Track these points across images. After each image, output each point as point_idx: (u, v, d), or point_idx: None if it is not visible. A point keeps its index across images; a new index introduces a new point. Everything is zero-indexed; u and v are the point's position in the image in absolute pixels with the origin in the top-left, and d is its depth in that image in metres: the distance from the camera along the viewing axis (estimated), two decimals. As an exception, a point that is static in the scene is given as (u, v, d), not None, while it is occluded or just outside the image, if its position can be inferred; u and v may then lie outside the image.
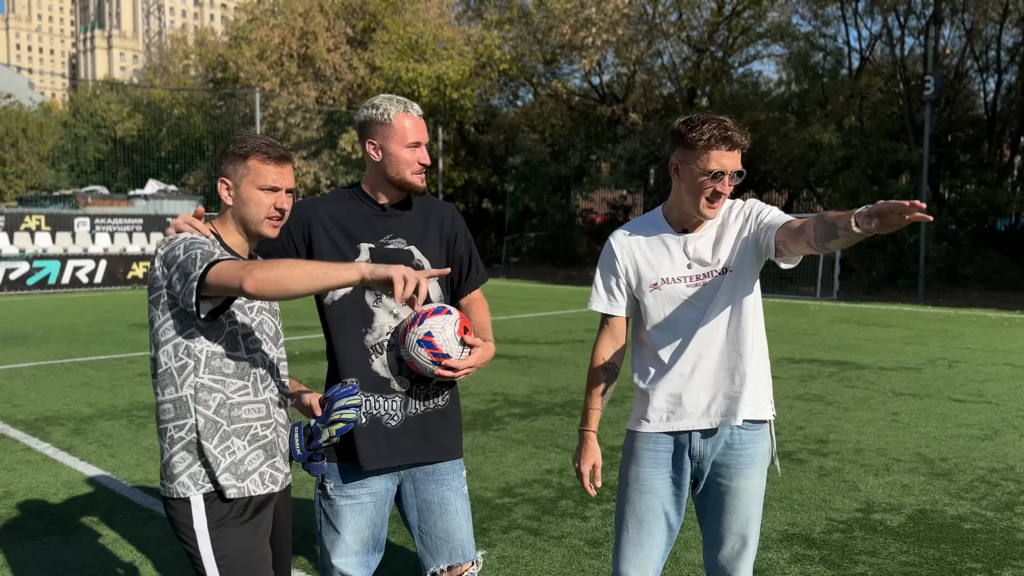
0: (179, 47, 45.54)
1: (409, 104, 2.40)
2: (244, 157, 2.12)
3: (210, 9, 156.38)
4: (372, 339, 2.38)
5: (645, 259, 2.41)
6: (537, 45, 29.71)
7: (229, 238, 2.17)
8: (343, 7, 31.30)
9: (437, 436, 2.43)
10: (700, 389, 2.37)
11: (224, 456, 2.06)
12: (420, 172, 2.40)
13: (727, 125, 2.23)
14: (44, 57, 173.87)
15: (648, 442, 2.42)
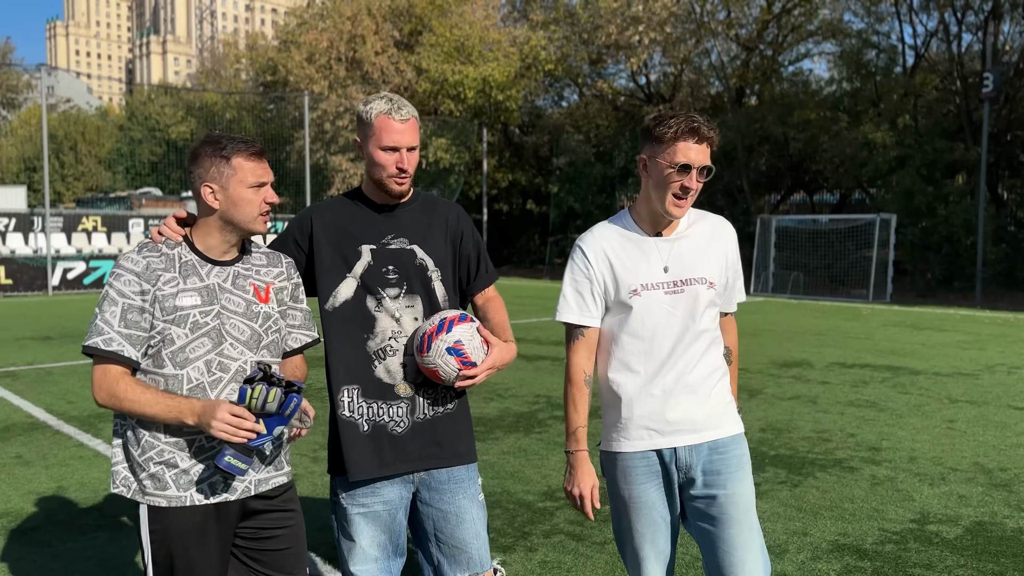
0: (230, 51, 46.41)
1: (398, 106, 2.30)
2: (227, 158, 2.09)
3: (261, 14, 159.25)
4: (374, 344, 2.34)
5: (622, 264, 2.29)
6: (583, 45, 29.60)
7: (205, 241, 2.15)
8: (391, 10, 31.56)
9: (448, 441, 2.37)
10: (682, 404, 2.28)
11: (150, 466, 2.09)
12: (397, 176, 2.32)
13: (695, 118, 2.20)
14: (102, 62, 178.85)
15: (633, 459, 2.31)
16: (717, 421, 2.31)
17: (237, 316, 2.14)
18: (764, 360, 9.86)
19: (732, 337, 2.47)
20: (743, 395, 7.70)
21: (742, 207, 27.33)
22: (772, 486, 4.95)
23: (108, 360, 2.05)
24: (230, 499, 2.13)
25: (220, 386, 2.11)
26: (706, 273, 2.31)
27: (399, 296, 2.34)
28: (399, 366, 2.33)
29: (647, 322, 2.27)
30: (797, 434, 6.24)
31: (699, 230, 2.37)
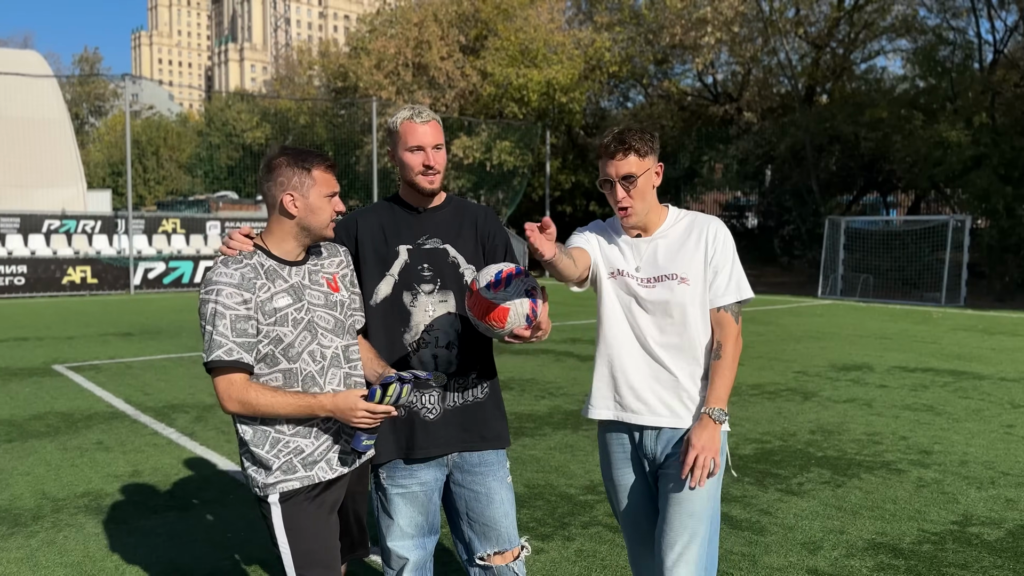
0: (303, 59, 47.67)
1: (418, 111, 2.52)
2: (308, 170, 2.28)
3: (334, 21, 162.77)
4: (410, 337, 2.53)
5: (608, 248, 2.51)
6: (648, 46, 29.48)
7: (281, 247, 2.34)
8: (457, 16, 32.01)
9: (476, 427, 2.56)
10: (647, 389, 2.44)
11: (279, 458, 2.28)
12: (425, 173, 2.52)
13: (614, 132, 2.39)
14: (183, 70, 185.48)
15: (611, 439, 2.54)
16: (683, 413, 2.43)
17: (321, 308, 2.35)
18: (823, 363, 9.76)
19: (724, 334, 2.45)
20: (796, 397, 7.68)
21: (811, 208, 26.80)
22: (815, 486, 4.99)
23: (231, 370, 2.21)
24: (344, 472, 2.39)
25: (326, 373, 2.34)
26: (677, 269, 2.43)
27: (433, 291, 2.54)
28: (431, 357, 2.52)
29: (622, 305, 2.47)
30: (847, 436, 6.23)
31: (680, 230, 2.49)
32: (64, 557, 3.90)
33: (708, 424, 2.36)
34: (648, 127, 2.45)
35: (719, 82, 31.51)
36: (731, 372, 2.42)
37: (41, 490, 4.91)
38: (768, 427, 6.50)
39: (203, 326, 2.24)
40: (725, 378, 2.40)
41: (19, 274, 20.42)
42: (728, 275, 2.45)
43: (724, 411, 2.39)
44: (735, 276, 2.46)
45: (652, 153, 2.41)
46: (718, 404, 2.38)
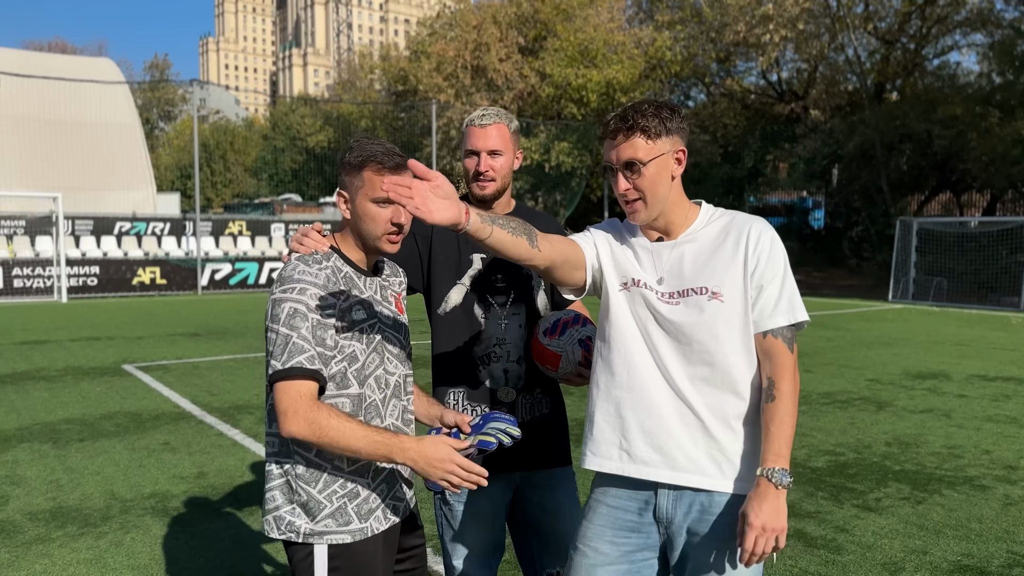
0: (365, 63, 48.32)
1: (483, 114, 2.39)
2: (359, 167, 1.94)
3: (394, 25, 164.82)
4: (480, 350, 2.43)
5: (621, 254, 2.02)
6: (710, 44, 29.01)
7: (352, 253, 2.04)
8: (516, 17, 32.01)
9: (544, 443, 2.47)
10: (665, 432, 1.91)
11: (332, 501, 1.93)
12: (477, 181, 2.38)
13: (618, 112, 1.92)
14: (248, 75, 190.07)
15: (606, 495, 1.99)
16: (712, 469, 1.89)
17: (390, 329, 2.05)
18: (897, 371, 9.40)
19: (776, 367, 1.88)
20: (870, 407, 7.39)
21: (881, 208, 26.02)
22: (893, 502, 4.76)
23: (304, 381, 1.83)
24: (396, 521, 2.06)
25: (387, 404, 2.02)
26: (708, 281, 1.91)
27: (506, 304, 2.44)
28: (501, 372, 2.43)
29: (637, 322, 1.96)
30: (926, 449, 5.94)
31: (712, 232, 1.97)
32: (131, 560, 3.94)
33: (768, 492, 1.79)
34: (669, 102, 1.95)
35: (784, 80, 30.81)
36: (792, 418, 1.84)
37: (110, 490, 4.99)
38: (841, 438, 6.25)
39: (275, 328, 1.86)
40: (785, 426, 1.83)
41: (92, 275, 21.10)
42: (778, 291, 1.91)
43: (787, 471, 1.81)
44: (787, 293, 1.92)
45: (668, 134, 1.89)
46: (778, 462, 1.81)
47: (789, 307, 1.92)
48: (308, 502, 1.92)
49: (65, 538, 4.20)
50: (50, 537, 4.22)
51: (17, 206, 22.82)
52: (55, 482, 5.15)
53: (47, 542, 4.15)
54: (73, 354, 10.61)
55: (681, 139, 1.94)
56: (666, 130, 1.89)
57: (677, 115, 1.93)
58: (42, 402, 7.56)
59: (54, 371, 9.26)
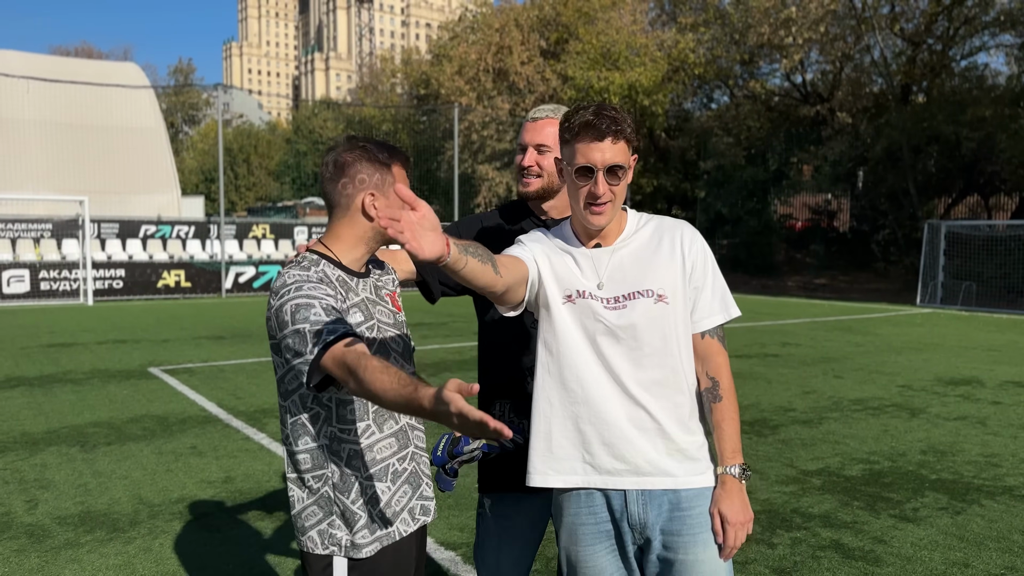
0: (387, 66, 48.51)
1: (540, 109, 2.33)
2: (388, 165, 1.95)
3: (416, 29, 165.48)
4: (528, 361, 2.31)
5: (559, 264, 1.99)
6: (734, 46, 28.83)
7: (350, 255, 1.97)
8: (538, 20, 32.00)
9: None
10: (626, 441, 1.92)
11: (363, 511, 1.90)
12: (524, 176, 2.32)
13: (597, 109, 1.90)
14: (271, 79, 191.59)
15: (579, 514, 1.98)
16: (676, 468, 1.93)
17: (390, 327, 2.02)
18: (929, 377, 9.23)
19: (715, 365, 1.98)
20: (903, 414, 7.25)
21: (908, 211, 25.71)
22: (931, 512, 4.64)
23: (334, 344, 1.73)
24: (427, 521, 2.03)
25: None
26: (652, 284, 1.94)
27: None
28: None
29: (583, 334, 1.95)
30: (962, 457, 5.81)
31: (645, 236, 2.01)
32: (160, 566, 3.92)
33: (733, 488, 1.92)
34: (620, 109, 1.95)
35: (809, 82, 30.56)
36: (737, 412, 1.97)
37: (138, 495, 4.99)
38: (875, 446, 6.13)
39: (288, 333, 1.76)
40: (735, 422, 1.95)
41: (118, 277, 21.28)
42: (711, 291, 1.99)
43: (744, 465, 1.95)
44: (719, 292, 2.00)
45: (635, 143, 1.97)
46: (736, 458, 1.94)
47: (723, 305, 2.01)
48: (345, 512, 1.90)
49: (94, 543, 4.19)
50: (79, 542, 4.21)
51: (44, 209, 23.09)
52: (83, 486, 5.15)
53: (76, 547, 4.14)
54: (100, 357, 10.68)
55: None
56: (636, 138, 1.97)
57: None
58: (69, 405, 7.60)
59: (81, 374, 9.32)
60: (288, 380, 1.89)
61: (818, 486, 5.13)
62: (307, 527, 1.92)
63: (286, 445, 1.95)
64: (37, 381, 8.84)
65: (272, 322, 1.84)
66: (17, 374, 9.29)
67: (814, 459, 5.76)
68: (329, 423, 1.89)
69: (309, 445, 1.90)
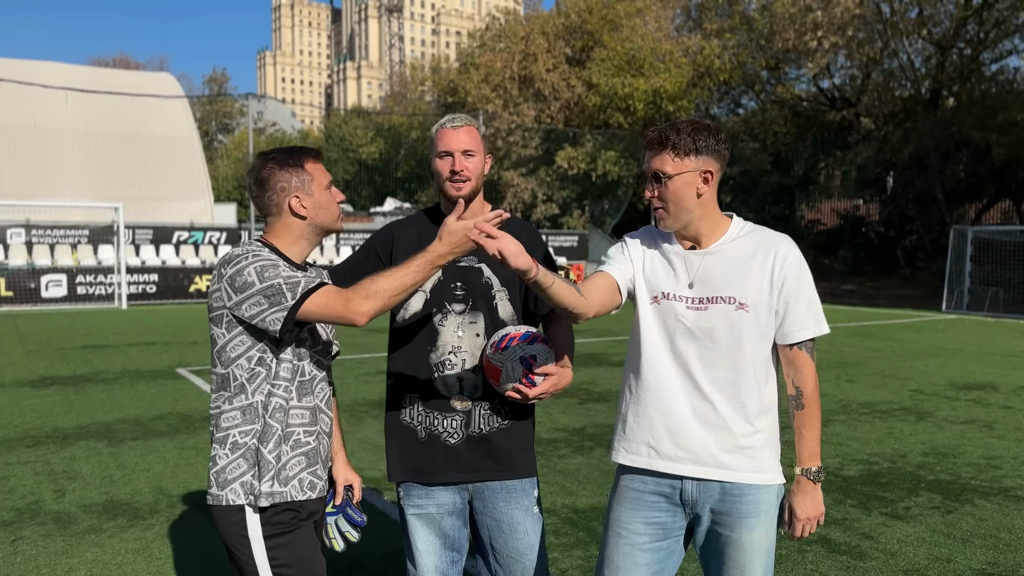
0: (416, 75, 49.00)
1: (453, 118, 2.43)
2: (300, 166, 2.13)
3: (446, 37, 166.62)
4: (436, 357, 2.41)
5: (652, 266, 2.19)
6: (760, 52, 28.79)
7: (291, 249, 2.17)
8: (564, 28, 32.21)
9: (503, 455, 2.42)
10: (689, 433, 2.11)
11: (275, 461, 2.08)
12: (452, 179, 2.39)
13: (662, 125, 2.13)
14: (304, 88, 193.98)
15: (634, 480, 2.20)
16: (734, 463, 2.10)
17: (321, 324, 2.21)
18: (942, 381, 9.25)
19: (802, 376, 2.11)
20: (910, 417, 7.31)
21: (936, 217, 25.47)
22: (923, 511, 4.74)
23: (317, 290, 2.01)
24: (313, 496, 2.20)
25: (316, 385, 2.19)
26: (736, 292, 2.09)
27: (463, 312, 2.42)
28: (456, 380, 2.40)
29: (665, 334, 2.14)
30: (963, 459, 5.88)
31: (741, 246, 2.14)
32: (176, 550, 4.16)
33: (808, 488, 2.12)
34: (711, 125, 2.12)
35: (836, 86, 30.40)
36: (818, 420, 2.14)
37: (159, 486, 5.25)
38: (877, 448, 6.22)
39: (254, 292, 1.99)
40: (816, 429, 2.13)
41: (151, 282, 21.82)
42: (806, 307, 2.10)
43: (821, 468, 2.13)
44: (813, 309, 2.12)
45: (698, 154, 2.06)
46: (813, 461, 2.12)
47: (815, 321, 2.12)
48: (260, 462, 2.07)
49: (115, 529, 4.45)
50: (102, 528, 4.47)
51: (82, 216, 23.74)
52: (108, 477, 5.43)
53: (99, 532, 4.40)
54: (130, 358, 11.05)
55: (714, 160, 2.09)
56: (695, 149, 2.06)
57: (714, 137, 2.08)
58: (100, 403, 7.92)
59: (112, 374, 9.68)
60: (231, 347, 2.07)
61: (814, 485, 5.23)
62: (230, 479, 2.07)
63: (216, 409, 2.12)
64: (70, 380, 9.20)
65: (223, 291, 2.03)
66: (52, 374, 9.67)
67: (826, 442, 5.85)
68: (267, 380, 2.07)
69: (242, 403, 2.08)
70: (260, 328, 2.01)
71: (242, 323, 2.04)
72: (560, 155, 29.38)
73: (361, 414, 7.44)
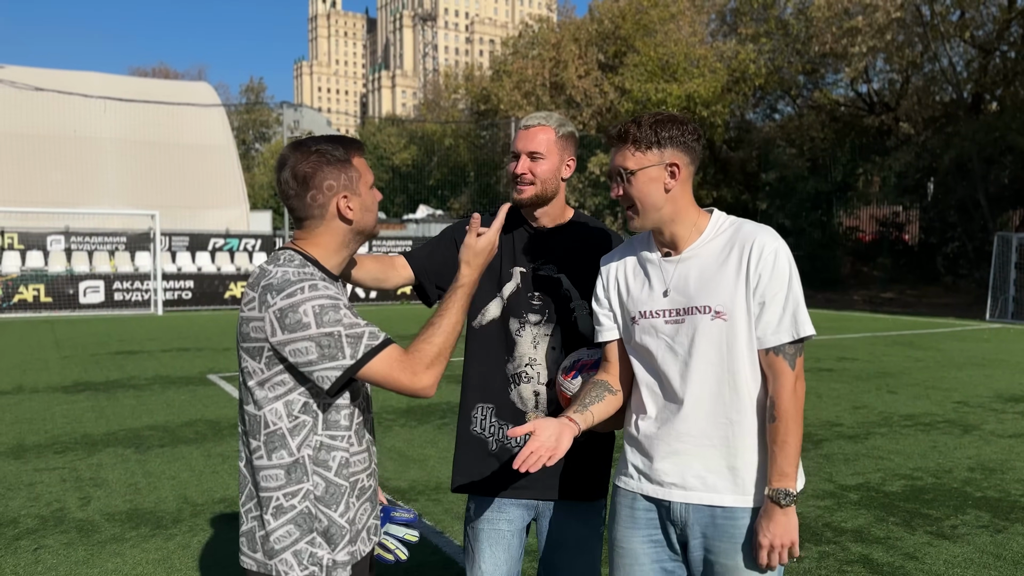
0: (449, 83, 49.22)
1: (531, 116, 2.33)
2: (348, 161, 1.84)
3: (479, 46, 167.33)
4: (512, 368, 2.32)
5: (627, 287, 2.06)
6: (797, 56, 28.39)
7: (332, 259, 1.88)
8: (597, 34, 32.10)
9: (571, 473, 2.30)
10: (675, 455, 1.97)
11: (348, 525, 1.82)
12: (518, 184, 2.29)
13: (621, 120, 2.00)
14: (340, 97, 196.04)
15: (625, 499, 2.08)
16: (722, 485, 1.94)
17: None
18: (988, 393, 8.93)
19: (777, 386, 1.90)
20: (955, 430, 7.04)
21: (979, 223, 24.85)
22: (971, 530, 4.52)
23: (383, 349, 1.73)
24: (376, 542, 2.02)
25: (369, 421, 1.94)
26: (711, 300, 1.91)
27: (540, 323, 2.32)
28: (532, 393, 2.32)
29: (645, 354, 2.02)
30: (1012, 476, 5.62)
31: (717, 246, 1.96)
32: (196, 561, 4.09)
33: (775, 511, 1.88)
34: (675, 115, 1.96)
35: (875, 91, 29.86)
36: (795, 437, 1.88)
37: (184, 494, 5.20)
38: (920, 462, 5.98)
39: (309, 337, 1.67)
40: (788, 446, 1.87)
41: (187, 288, 22.06)
42: (781, 307, 1.89)
43: (790, 491, 1.87)
44: (790, 308, 1.90)
45: (661, 147, 1.90)
46: (781, 483, 1.88)
47: (792, 323, 1.90)
48: (331, 528, 1.79)
49: (137, 539, 4.40)
50: (124, 537, 4.42)
51: (120, 223, 24.10)
52: (134, 485, 5.40)
53: (121, 542, 4.35)
54: (163, 364, 11.11)
55: (681, 152, 1.94)
56: (658, 142, 1.92)
57: (678, 128, 1.93)
58: (130, 409, 7.94)
59: (143, 380, 9.72)
60: (270, 386, 1.75)
61: (855, 501, 5.04)
62: (278, 550, 1.78)
63: (254, 458, 1.80)
64: (103, 386, 9.25)
65: (269, 323, 1.70)
66: (85, 379, 9.75)
67: (854, 474, 5.65)
68: (315, 431, 1.78)
69: (284, 460, 1.77)
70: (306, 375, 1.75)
71: (284, 362, 1.72)
72: (592, 161, 29.22)
73: (389, 422, 7.36)
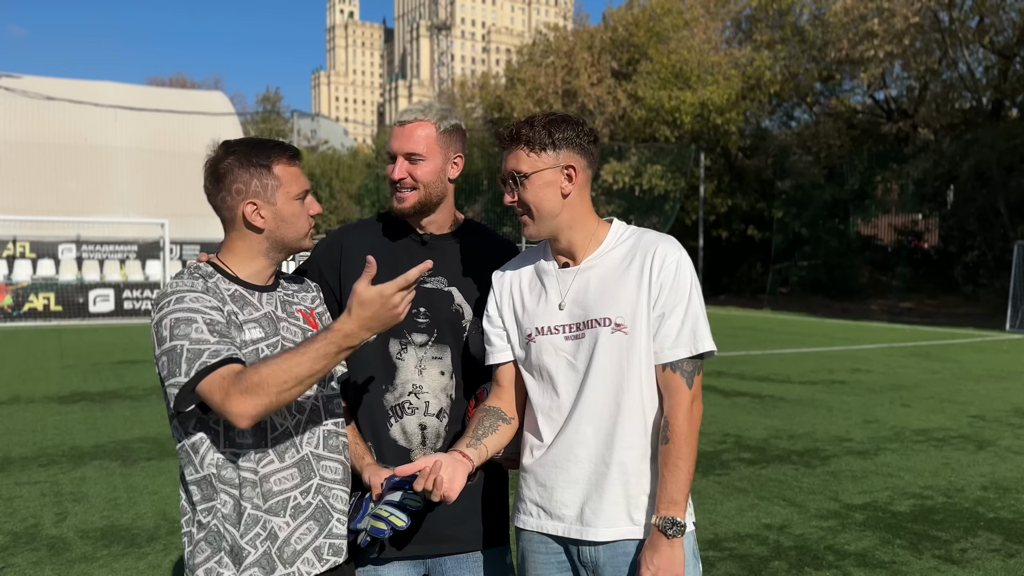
0: (464, 92, 49.24)
1: (405, 110, 2.01)
2: (267, 167, 1.75)
3: (495, 55, 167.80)
4: (392, 399, 1.97)
5: (522, 301, 1.89)
6: (813, 63, 28.10)
7: (247, 268, 1.80)
8: (611, 42, 31.97)
9: (465, 519, 1.97)
10: (571, 484, 1.81)
11: (255, 546, 1.69)
12: (398, 190, 1.97)
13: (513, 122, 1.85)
14: (356, 107, 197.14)
15: (529, 541, 1.89)
16: (614, 518, 1.79)
17: (292, 344, 1.80)
18: (1005, 407, 8.63)
19: (671, 404, 1.77)
20: (969, 446, 6.77)
21: (999, 232, 24.40)
22: (981, 554, 4.28)
23: (214, 369, 1.60)
24: (339, 561, 1.82)
25: (302, 430, 1.78)
26: (611, 311, 1.78)
27: (427, 344, 1.98)
28: (417, 427, 1.96)
29: (542, 374, 1.85)
30: (1028, 495, 5.37)
31: (618, 255, 1.84)
32: (164, 582, 3.93)
33: (660, 542, 1.73)
34: (569, 116, 1.84)
35: (892, 98, 29.48)
36: (687, 461, 1.74)
37: (163, 510, 5.05)
38: (931, 480, 5.73)
39: (162, 351, 1.62)
40: (679, 471, 1.74)
41: (197, 298, 22.06)
42: (680, 320, 1.77)
43: (678, 520, 1.73)
44: (689, 322, 1.77)
45: (556, 148, 1.78)
46: (670, 510, 1.73)
47: (691, 337, 1.78)
48: (234, 548, 1.69)
49: (108, 558, 4.25)
50: (95, 556, 4.27)
51: (132, 232, 24.16)
52: (113, 500, 5.25)
53: (90, 561, 4.20)
54: (164, 374, 11.02)
55: (577, 154, 1.81)
56: (552, 144, 1.79)
57: (573, 129, 1.80)
58: (122, 420, 7.82)
59: (141, 390, 9.61)
60: (167, 401, 1.69)
61: (860, 521, 4.81)
62: (194, 565, 1.72)
63: (183, 477, 1.75)
64: (99, 396, 9.15)
65: (152, 338, 1.69)
66: (83, 389, 9.65)
67: (861, 492, 5.41)
68: (217, 447, 1.69)
69: (195, 475, 1.71)
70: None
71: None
72: (605, 169, 29.01)
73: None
